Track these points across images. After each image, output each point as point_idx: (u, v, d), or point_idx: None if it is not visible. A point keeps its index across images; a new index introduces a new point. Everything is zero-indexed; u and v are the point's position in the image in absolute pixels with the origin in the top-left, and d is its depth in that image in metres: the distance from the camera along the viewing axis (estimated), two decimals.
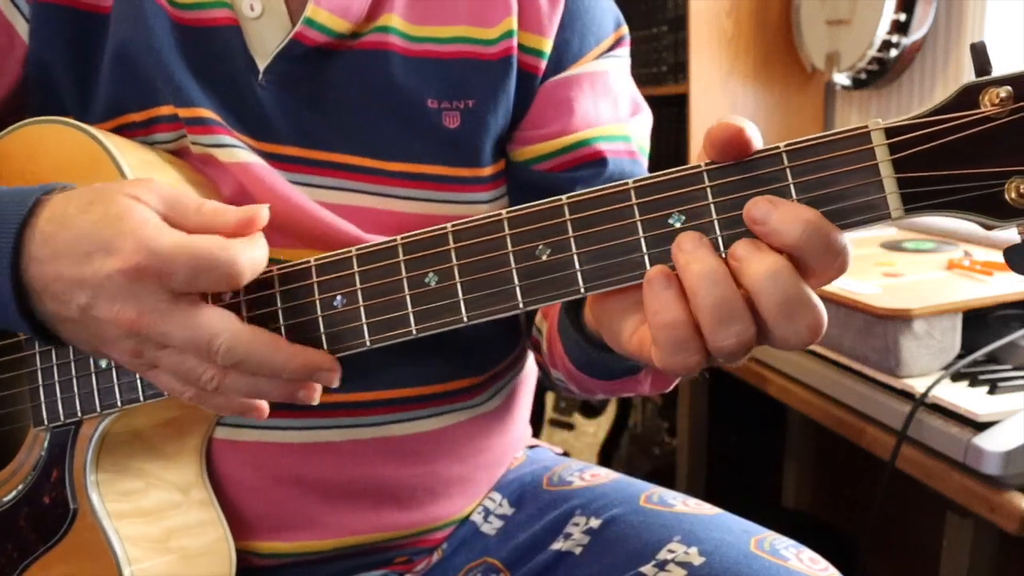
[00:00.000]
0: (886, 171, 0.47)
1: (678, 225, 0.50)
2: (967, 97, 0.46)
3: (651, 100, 0.89)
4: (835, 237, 0.47)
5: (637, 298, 0.51)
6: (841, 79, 1.87)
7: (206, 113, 0.69)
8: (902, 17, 1.69)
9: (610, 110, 0.80)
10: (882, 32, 1.70)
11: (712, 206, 0.50)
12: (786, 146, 0.49)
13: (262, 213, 0.56)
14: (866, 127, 0.48)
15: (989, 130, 0.45)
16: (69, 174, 0.66)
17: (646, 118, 0.84)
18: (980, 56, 0.47)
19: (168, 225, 0.55)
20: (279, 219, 0.70)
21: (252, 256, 0.54)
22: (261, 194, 0.69)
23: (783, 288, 0.47)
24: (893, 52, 1.73)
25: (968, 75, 1.71)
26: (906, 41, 1.72)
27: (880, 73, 1.79)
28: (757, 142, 0.49)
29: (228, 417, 0.72)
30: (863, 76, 1.82)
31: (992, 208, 0.46)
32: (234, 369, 0.55)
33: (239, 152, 0.69)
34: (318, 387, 0.58)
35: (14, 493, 0.68)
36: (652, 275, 0.49)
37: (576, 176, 0.77)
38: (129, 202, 0.54)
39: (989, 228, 0.48)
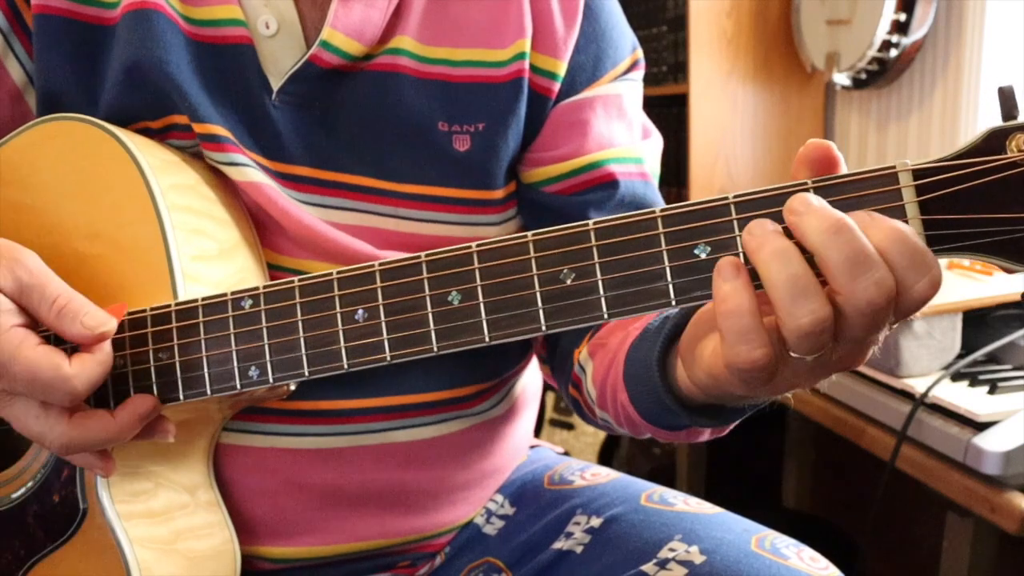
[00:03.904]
0: (912, 212, 0.47)
1: (703, 256, 0.50)
2: (994, 142, 0.46)
3: (651, 100, 0.89)
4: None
5: None
6: (841, 79, 1.87)
7: (219, 131, 0.69)
8: (902, 17, 1.69)
9: (624, 132, 0.79)
10: (882, 32, 1.70)
11: (738, 239, 0.50)
12: (814, 182, 0.49)
13: (110, 327, 0.59)
14: (893, 167, 0.48)
15: (1014, 176, 0.46)
16: (86, 170, 0.67)
17: (657, 142, 0.83)
18: (1008, 100, 0.47)
19: (16, 319, 0.58)
20: (292, 238, 0.71)
21: (92, 379, 0.58)
22: (272, 213, 0.70)
23: (847, 241, 0.45)
24: (893, 52, 1.74)
25: (967, 76, 1.70)
26: (906, 41, 1.72)
27: (880, 73, 1.80)
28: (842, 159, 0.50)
29: (235, 423, 0.72)
30: (863, 76, 1.82)
31: (1015, 253, 0.47)
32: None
33: (250, 171, 0.70)
34: (170, 427, 0.62)
35: (23, 490, 0.68)
36: (721, 263, 0.48)
37: (587, 199, 0.76)
38: None
39: (1011, 272, 0.48)
